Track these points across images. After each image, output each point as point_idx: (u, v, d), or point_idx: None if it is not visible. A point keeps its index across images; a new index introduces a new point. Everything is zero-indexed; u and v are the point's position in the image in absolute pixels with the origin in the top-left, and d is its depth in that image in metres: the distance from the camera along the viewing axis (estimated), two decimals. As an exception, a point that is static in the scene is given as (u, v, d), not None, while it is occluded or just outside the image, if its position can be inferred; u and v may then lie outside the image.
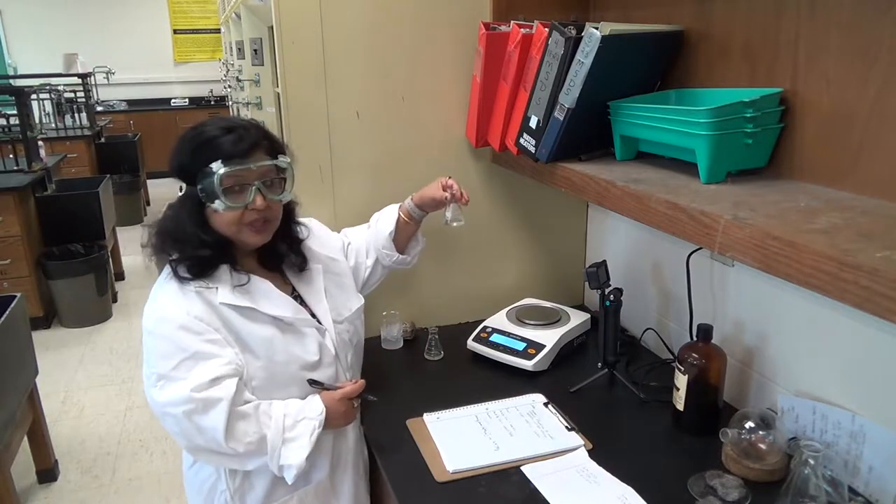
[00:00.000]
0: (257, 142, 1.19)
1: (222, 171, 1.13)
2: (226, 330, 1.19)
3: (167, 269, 1.23)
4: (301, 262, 1.34)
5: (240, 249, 1.25)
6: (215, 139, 1.15)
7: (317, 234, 1.43)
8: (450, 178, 1.45)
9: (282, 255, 1.32)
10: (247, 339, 1.21)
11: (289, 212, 1.31)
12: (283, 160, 1.22)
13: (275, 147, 1.23)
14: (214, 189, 1.14)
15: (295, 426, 1.20)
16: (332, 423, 1.25)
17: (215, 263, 1.21)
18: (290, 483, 1.21)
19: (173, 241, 1.20)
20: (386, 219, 1.51)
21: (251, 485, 1.28)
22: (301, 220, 1.39)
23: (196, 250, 1.19)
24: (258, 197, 1.17)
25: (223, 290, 1.20)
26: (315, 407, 1.23)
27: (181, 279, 1.19)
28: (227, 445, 1.14)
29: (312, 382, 1.28)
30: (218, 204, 1.15)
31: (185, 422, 1.14)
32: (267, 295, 1.25)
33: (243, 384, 1.18)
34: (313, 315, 1.32)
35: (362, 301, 1.45)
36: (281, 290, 1.29)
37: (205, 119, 1.24)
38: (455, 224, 1.45)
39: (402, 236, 1.51)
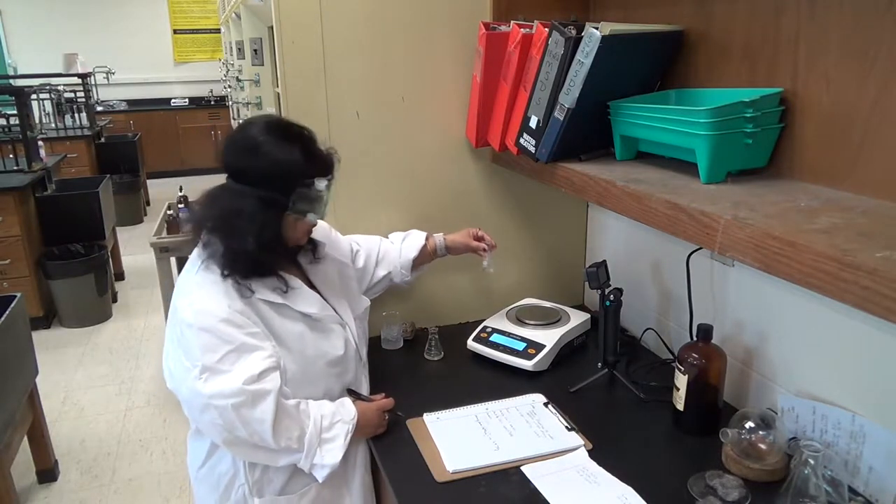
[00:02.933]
0: None
1: (324, 184, 1.21)
2: (263, 324, 1.22)
3: (199, 262, 1.23)
4: (314, 248, 1.39)
5: None
6: (319, 155, 1.22)
7: (329, 238, 1.47)
8: (479, 229, 1.63)
9: (299, 246, 1.35)
10: (280, 333, 1.24)
11: None
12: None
13: None
14: (312, 201, 1.20)
15: (332, 427, 1.24)
16: (362, 430, 1.31)
17: (274, 268, 1.25)
18: (320, 482, 1.25)
19: (240, 237, 1.17)
20: (412, 244, 1.59)
21: (269, 478, 1.30)
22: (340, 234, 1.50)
23: (266, 254, 1.20)
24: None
25: (260, 286, 1.23)
26: (349, 411, 1.28)
27: (224, 275, 1.20)
28: (272, 439, 1.17)
29: (350, 392, 1.35)
30: (311, 217, 1.23)
31: (230, 414, 1.15)
32: (298, 292, 1.29)
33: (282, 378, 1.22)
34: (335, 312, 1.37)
35: (368, 302, 1.51)
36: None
37: (287, 122, 1.25)
38: (491, 270, 1.61)
39: (419, 263, 1.61)
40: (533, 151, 1.36)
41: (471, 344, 1.66)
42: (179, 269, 3.77)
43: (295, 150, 1.18)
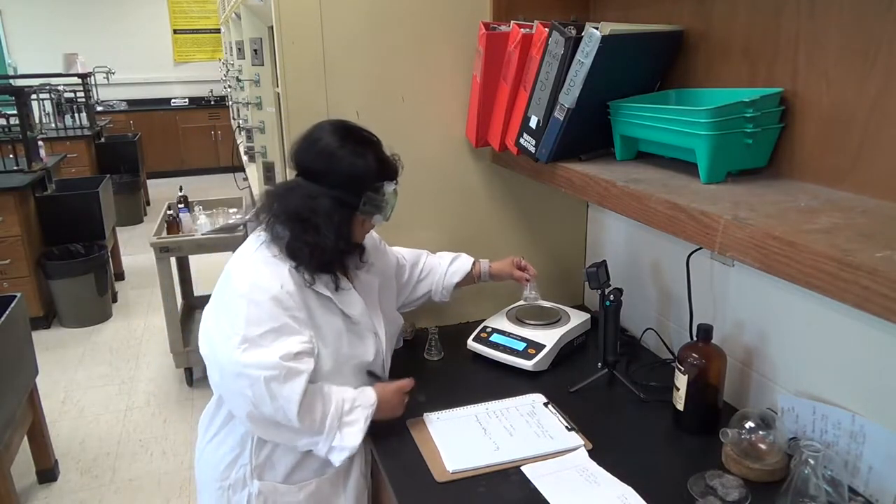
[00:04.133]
0: None
1: (392, 188, 1.29)
2: (307, 312, 1.25)
3: (260, 242, 1.27)
4: (361, 252, 1.40)
5: None
6: (388, 161, 1.29)
7: (378, 249, 1.50)
8: (522, 258, 1.67)
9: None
10: (321, 326, 1.28)
11: None
12: None
13: None
14: (380, 204, 1.27)
15: (352, 411, 1.27)
16: (382, 412, 1.32)
17: (339, 265, 1.30)
18: (336, 465, 1.27)
19: (317, 233, 1.22)
20: (458, 269, 1.64)
21: (272, 463, 1.32)
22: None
23: (340, 251, 1.26)
24: None
25: (317, 278, 1.27)
26: (369, 396, 1.30)
27: (295, 267, 1.24)
28: (296, 418, 1.19)
29: (369, 374, 1.38)
30: (377, 218, 1.29)
31: (261, 387, 1.17)
32: (347, 292, 1.33)
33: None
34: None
35: (402, 320, 1.56)
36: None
37: (358, 127, 1.30)
38: (534, 300, 1.66)
39: (460, 285, 1.65)
40: (533, 151, 1.36)
41: (471, 344, 1.66)
42: (179, 269, 3.80)
43: (369, 156, 1.25)
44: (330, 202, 1.22)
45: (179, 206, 3.39)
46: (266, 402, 1.18)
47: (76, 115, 5.90)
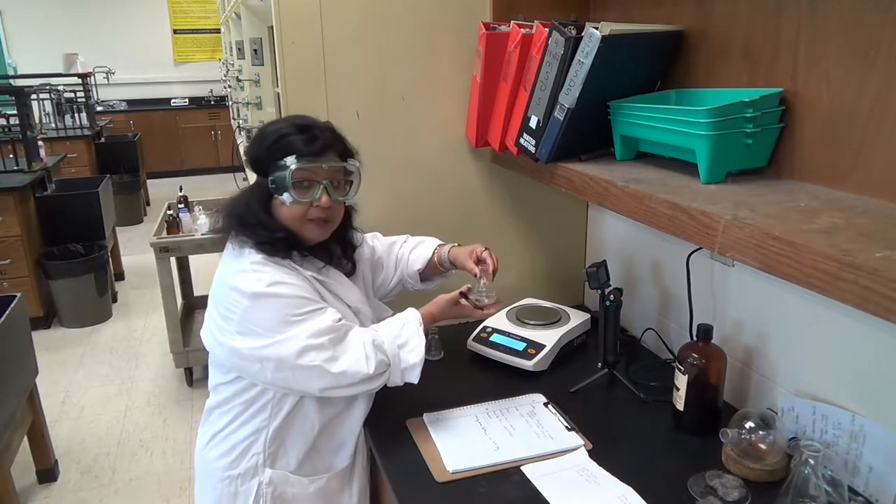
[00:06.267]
0: (330, 143, 1.26)
1: (294, 166, 1.20)
2: (319, 298, 1.27)
3: (243, 248, 1.27)
4: (351, 268, 1.40)
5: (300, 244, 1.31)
6: (291, 136, 1.22)
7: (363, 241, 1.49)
8: (485, 250, 1.44)
9: (332, 256, 1.36)
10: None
11: (347, 216, 1.38)
12: (352, 163, 1.30)
13: (346, 150, 1.30)
14: (285, 182, 1.21)
15: (401, 333, 1.30)
16: (440, 313, 1.37)
17: (285, 248, 1.26)
18: (415, 382, 1.30)
19: (241, 225, 1.26)
20: (419, 256, 1.54)
21: (285, 450, 1.32)
22: (365, 233, 1.49)
23: (266, 235, 1.25)
24: (324, 195, 1.24)
25: (305, 265, 1.28)
26: (409, 312, 1.34)
27: (270, 256, 1.25)
28: (366, 364, 1.22)
29: (463, 294, 1.38)
30: (286, 197, 1.22)
31: (328, 350, 1.20)
32: (339, 281, 1.34)
33: None
34: None
35: (391, 312, 1.53)
36: None
37: (285, 116, 1.31)
38: (484, 299, 1.39)
39: (429, 274, 1.56)
40: (533, 151, 1.36)
41: (471, 344, 1.66)
42: (179, 269, 3.80)
43: (273, 133, 1.23)
44: (251, 187, 1.27)
45: (179, 206, 3.39)
46: (334, 363, 1.20)
47: (76, 115, 5.90)
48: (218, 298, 1.26)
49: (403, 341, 1.29)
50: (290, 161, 1.20)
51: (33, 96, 5.04)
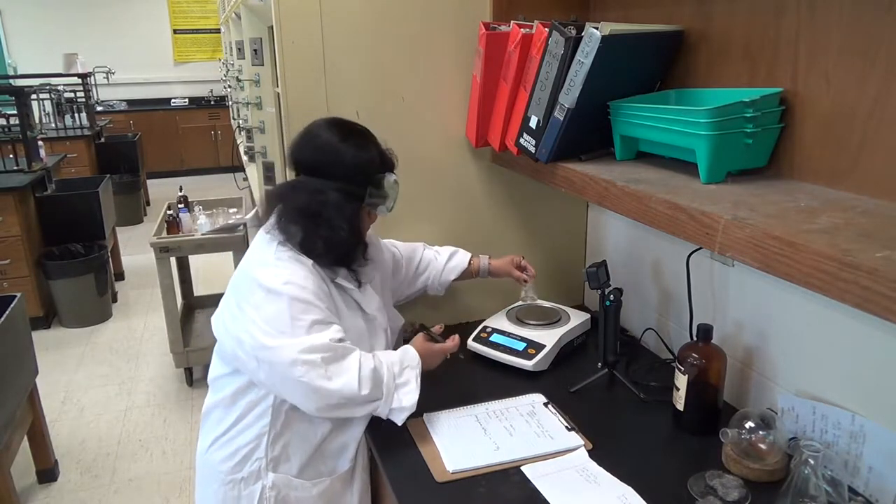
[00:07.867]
0: None
1: (393, 180, 1.32)
2: (335, 308, 1.29)
3: (274, 241, 1.28)
4: (364, 248, 1.41)
5: None
6: (386, 154, 1.34)
7: (372, 243, 1.49)
8: (523, 258, 1.69)
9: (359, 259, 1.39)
10: (344, 321, 1.31)
11: None
12: None
13: None
14: (384, 195, 1.31)
15: (402, 373, 1.31)
16: (424, 367, 1.37)
17: (357, 257, 1.33)
18: (399, 425, 1.31)
19: (330, 226, 1.25)
20: (456, 266, 1.67)
21: (288, 456, 1.32)
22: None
23: (354, 243, 1.31)
24: None
25: (338, 273, 1.31)
26: (412, 356, 1.35)
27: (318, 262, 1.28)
28: (359, 388, 1.23)
29: (422, 327, 1.45)
30: (382, 209, 1.33)
31: (321, 368, 1.20)
32: (365, 287, 1.38)
33: None
34: None
35: (403, 320, 1.58)
36: None
37: (350, 122, 1.35)
38: (531, 300, 1.70)
39: (456, 280, 1.68)
40: (533, 151, 1.36)
41: (471, 344, 1.66)
42: (179, 269, 3.79)
43: (370, 148, 1.30)
44: (338, 195, 1.25)
45: (179, 206, 3.39)
46: (325, 381, 1.20)
47: (76, 115, 5.90)
48: (237, 286, 1.29)
49: (403, 381, 1.30)
50: (392, 176, 1.32)
51: (33, 96, 5.04)
